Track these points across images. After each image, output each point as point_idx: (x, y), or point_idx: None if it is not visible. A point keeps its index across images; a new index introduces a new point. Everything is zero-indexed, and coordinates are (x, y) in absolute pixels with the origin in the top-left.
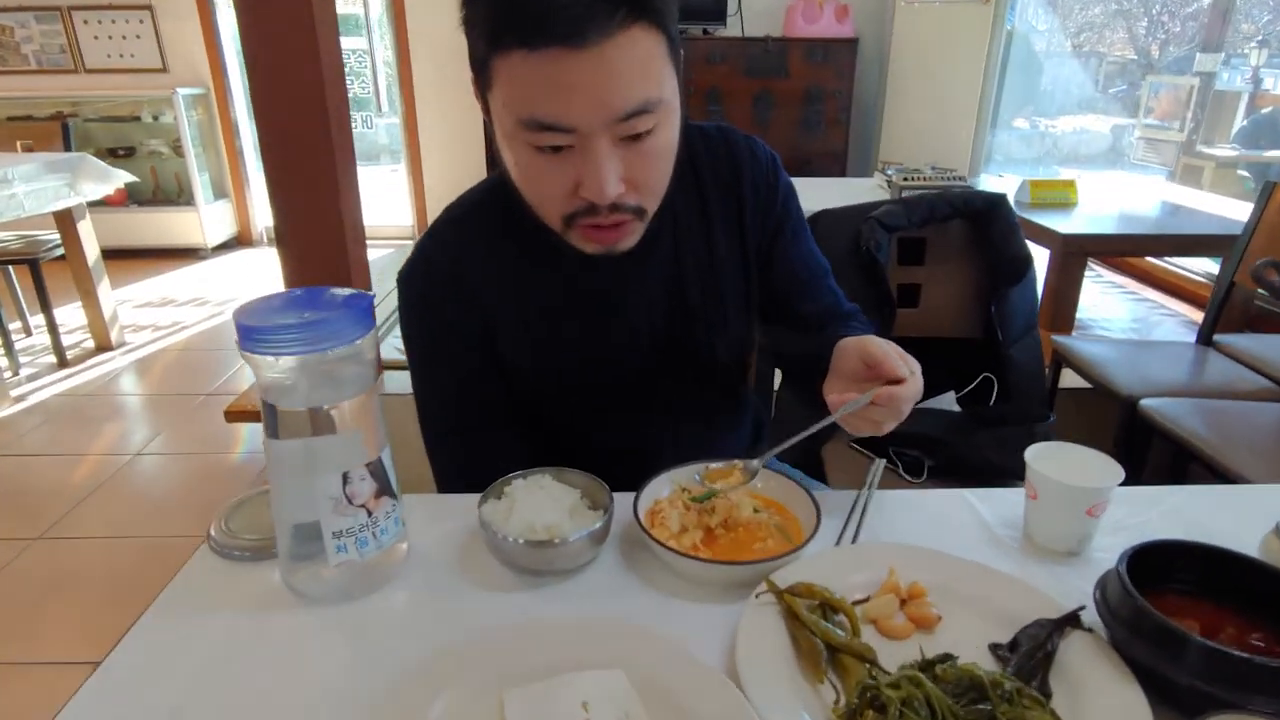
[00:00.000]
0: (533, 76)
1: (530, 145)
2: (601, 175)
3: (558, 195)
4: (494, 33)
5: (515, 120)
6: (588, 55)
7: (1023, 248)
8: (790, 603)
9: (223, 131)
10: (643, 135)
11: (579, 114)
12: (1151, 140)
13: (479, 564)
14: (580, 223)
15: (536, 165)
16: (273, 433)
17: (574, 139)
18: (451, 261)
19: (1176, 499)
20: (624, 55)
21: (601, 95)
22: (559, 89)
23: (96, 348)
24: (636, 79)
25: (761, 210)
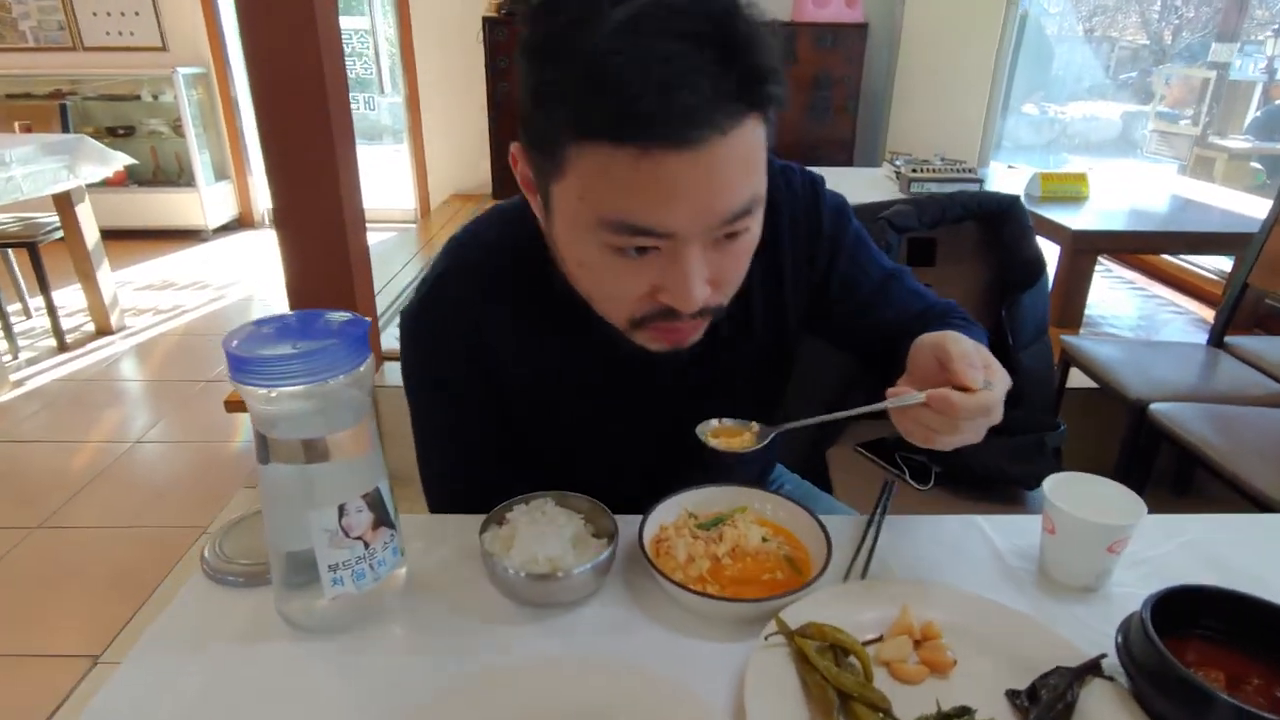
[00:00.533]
0: (629, 176)
1: (608, 245)
2: (692, 283)
3: (631, 298)
4: (583, 120)
5: (596, 219)
6: (698, 156)
7: (1036, 251)
8: (801, 645)
9: (224, 111)
10: (737, 234)
11: (680, 220)
12: (1165, 133)
13: (479, 592)
14: (651, 325)
15: (611, 266)
16: (265, 460)
17: (665, 242)
18: (459, 315)
19: (1198, 529)
20: (734, 153)
21: (709, 200)
22: (661, 192)
23: (97, 331)
24: (744, 177)
25: (807, 257)
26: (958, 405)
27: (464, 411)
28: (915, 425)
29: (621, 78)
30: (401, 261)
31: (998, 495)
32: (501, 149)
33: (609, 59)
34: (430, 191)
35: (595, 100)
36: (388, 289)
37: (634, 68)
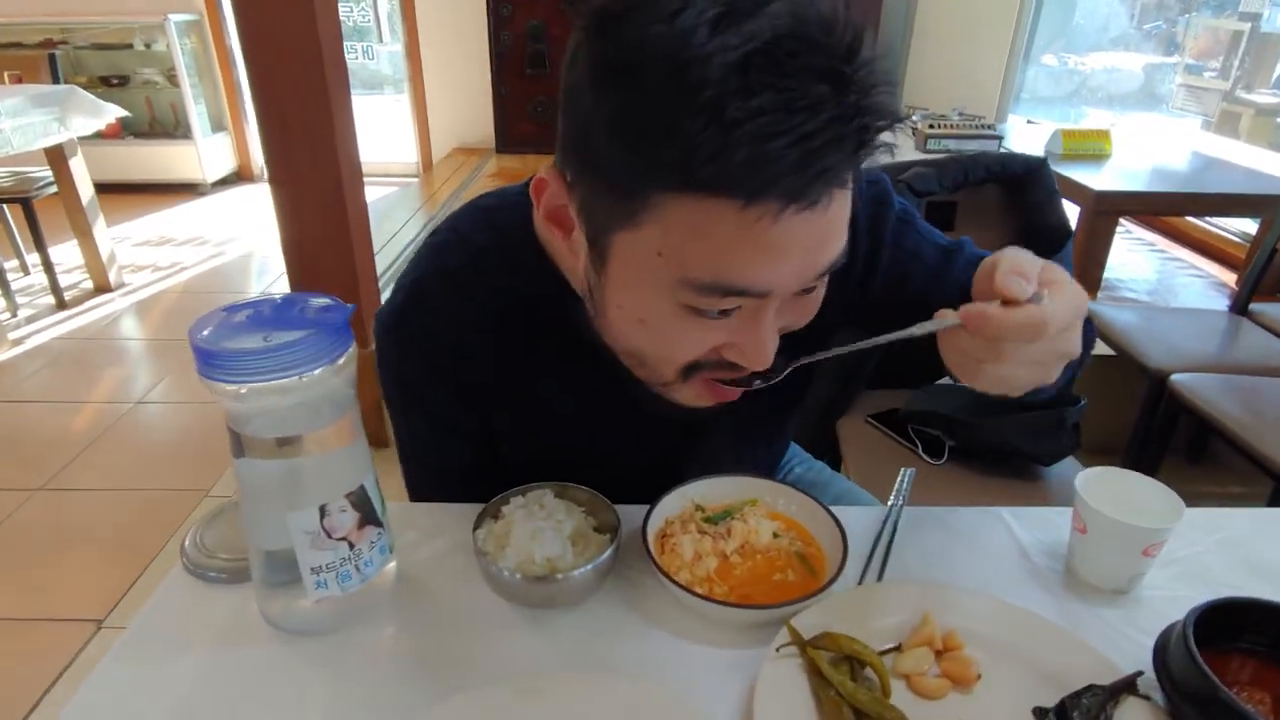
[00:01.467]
0: (738, 236)
1: (685, 305)
2: (767, 341)
3: (690, 355)
4: (692, 170)
5: (678, 278)
6: (816, 215)
7: (1062, 217)
8: (814, 658)
9: (219, 60)
10: (815, 286)
11: (784, 280)
12: (1192, 88)
13: (472, 590)
14: (704, 374)
15: (681, 327)
16: (238, 454)
17: (751, 302)
18: (436, 332)
19: (1237, 525)
20: (841, 211)
21: (815, 257)
22: (774, 254)
23: (95, 288)
24: (843, 234)
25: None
26: (992, 320)
27: (437, 425)
28: (960, 355)
29: (757, 127)
30: (403, 218)
31: (1014, 471)
32: (504, 101)
33: (737, 99)
34: (433, 145)
35: (715, 149)
36: (388, 248)
37: (774, 114)
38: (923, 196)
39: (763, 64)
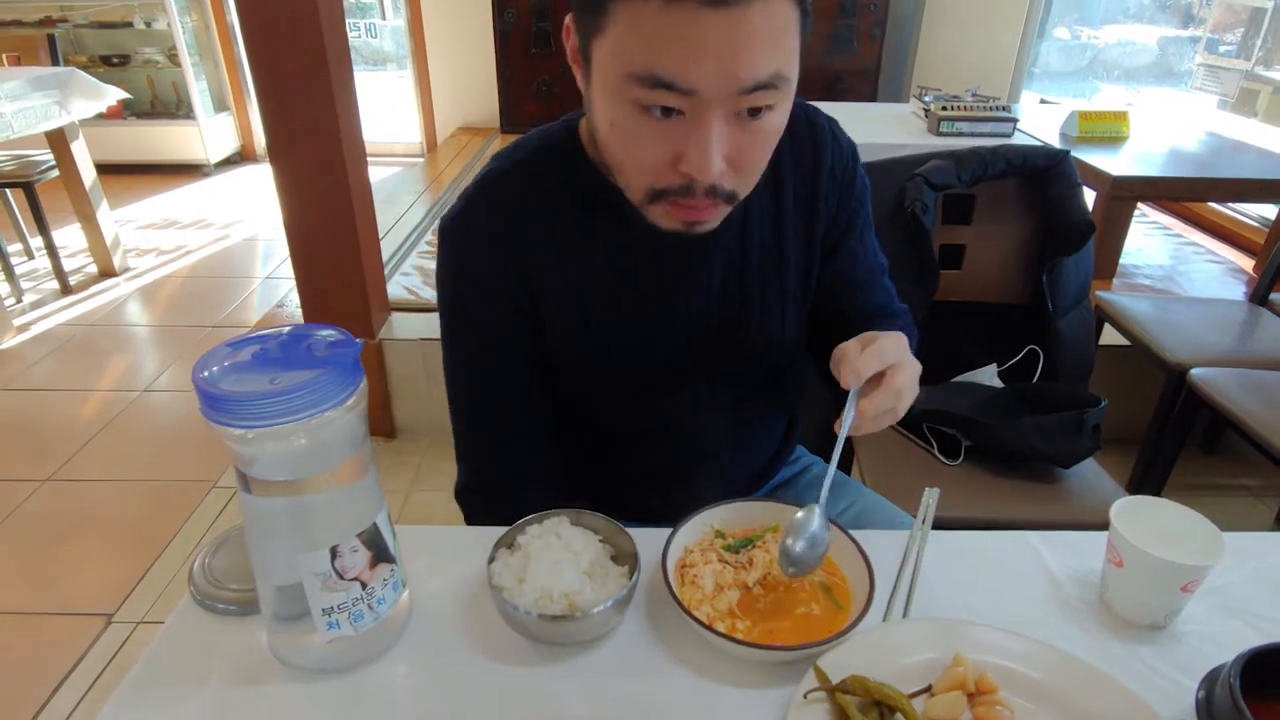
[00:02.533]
0: (661, 29)
1: (636, 104)
2: (708, 151)
3: (652, 165)
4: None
5: (627, 73)
6: (729, 15)
7: (1084, 212)
8: (843, 704)
9: (220, 39)
10: (760, 112)
11: (704, 77)
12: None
13: (489, 624)
14: (669, 200)
15: (638, 127)
16: (246, 489)
17: (688, 104)
18: (498, 220)
19: (1267, 553)
20: (764, 22)
21: (733, 61)
22: (689, 46)
23: (100, 273)
24: (771, 49)
25: (836, 202)
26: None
27: (492, 334)
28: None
29: None
30: (408, 201)
31: (1031, 473)
32: (509, 80)
33: None
34: (437, 124)
35: None
36: (394, 232)
37: None
38: (939, 190)
39: None
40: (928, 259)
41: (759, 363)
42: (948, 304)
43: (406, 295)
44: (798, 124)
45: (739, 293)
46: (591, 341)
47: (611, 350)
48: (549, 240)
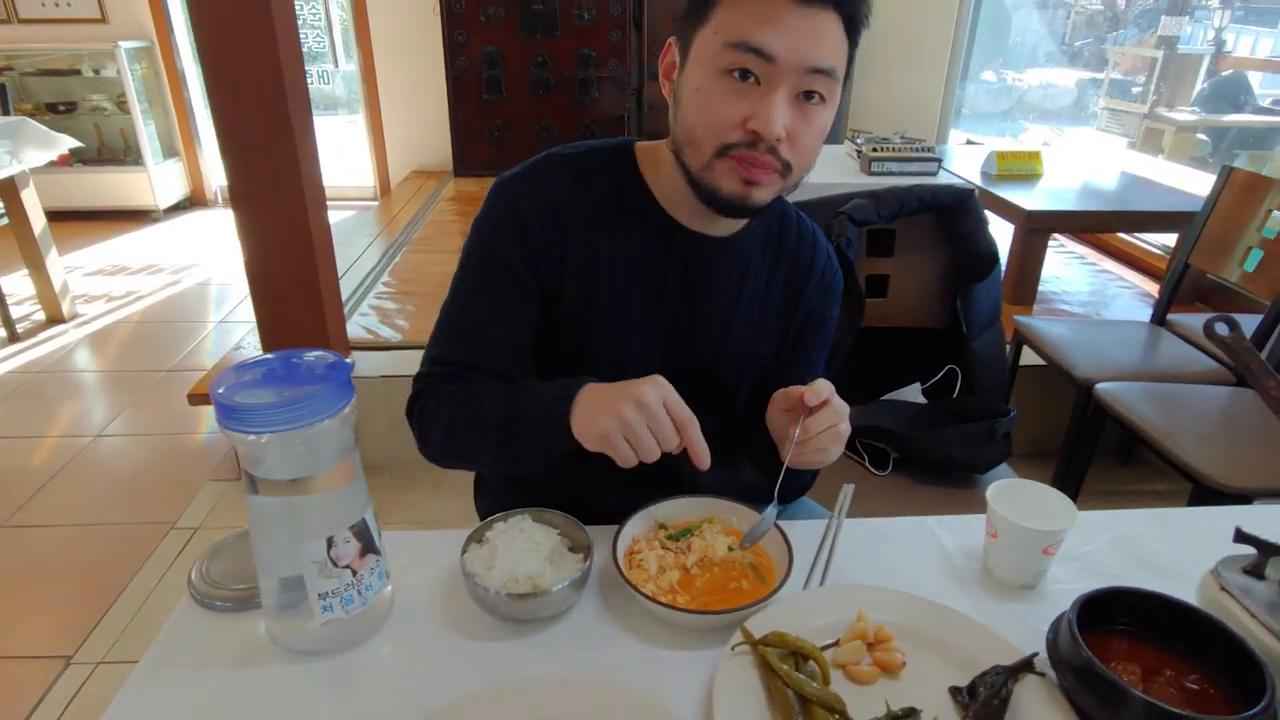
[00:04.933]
0: (759, 9)
1: (723, 70)
2: (774, 112)
3: (727, 122)
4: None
5: (725, 42)
6: (809, 10)
7: (990, 244)
8: (764, 654)
9: (170, 86)
10: (814, 98)
11: (784, 50)
12: (1114, 110)
13: (462, 609)
14: (734, 154)
15: (721, 89)
16: (253, 491)
17: (766, 71)
18: (552, 189)
19: (1125, 525)
20: (831, 27)
21: (806, 43)
22: (776, 26)
23: (48, 320)
24: (833, 47)
25: (814, 305)
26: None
27: (505, 280)
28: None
29: None
30: (363, 244)
31: (950, 479)
32: (461, 124)
33: None
34: (390, 168)
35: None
36: (351, 273)
37: None
38: (862, 225)
39: None
40: (854, 288)
41: (728, 379)
42: (875, 329)
43: (365, 335)
44: (805, 229)
45: (730, 325)
46: (594, 321)
47: (605, 339)
48: (590, 222)
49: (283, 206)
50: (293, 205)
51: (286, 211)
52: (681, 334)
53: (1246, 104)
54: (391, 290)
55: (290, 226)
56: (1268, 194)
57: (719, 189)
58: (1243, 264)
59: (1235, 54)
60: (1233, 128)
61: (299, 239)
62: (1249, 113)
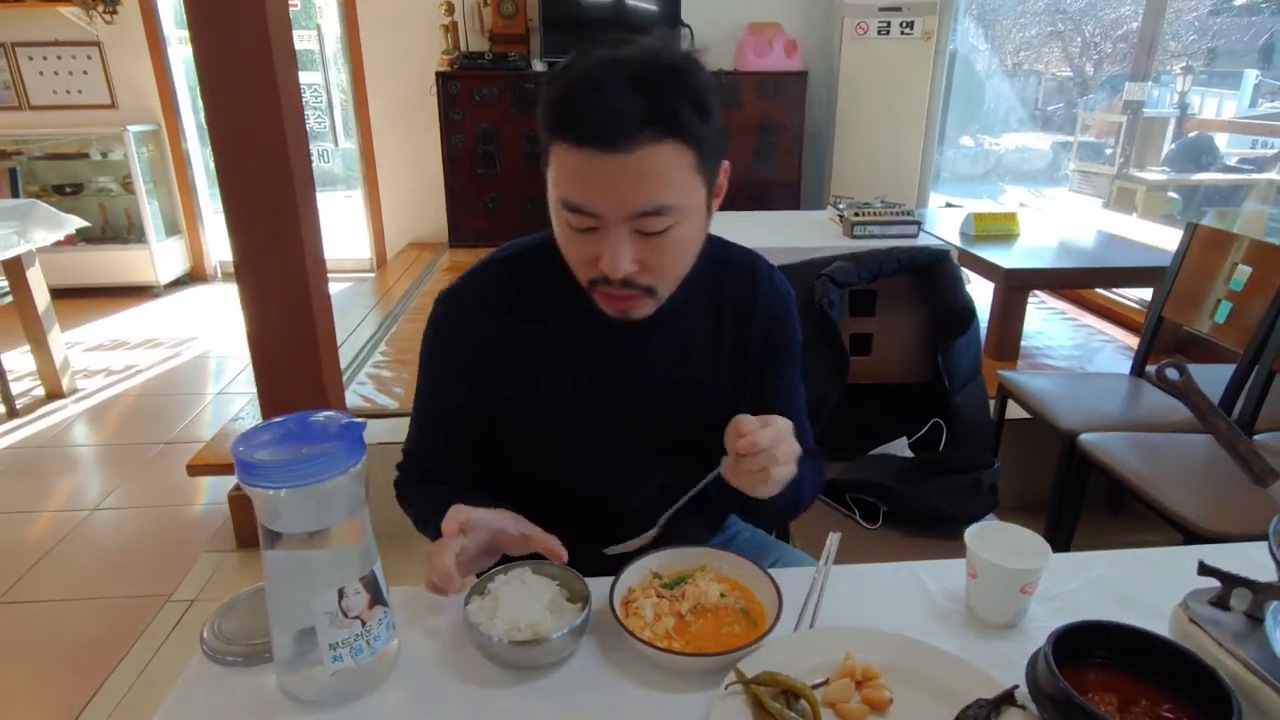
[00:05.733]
0: (572, 167)
1: (567, 222)
2: (614, 256)
3: (583, 263)
4: (550, 125)
5: (559, 198)
6: (615, 160)
7: (966, 301)
8: (756, 693)
9: (174, 167)
10: (659, 231)
11: (601, 206)
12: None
13: (465, 659)
14: (598, 289)
15: (570, 236)
16: (269, 546)
17: (598, 222)
18: (478, 301)
19: (1102, 566)
20: (645, 165)
21: (621, 194)
22: (589, 182)
23: (47, 395)
24: (656, 185)
25: (766, 329)
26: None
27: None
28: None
29: (575, 102)
30: (361, 314)
31: (938, 531)
32: (457, 199)
33: (573, 90)
34: (387, 240)
35: (558, 112)
36: (348, 343)
37: (583, 96)
38: (843, 287)
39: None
40: (838, 347)
41: (691, 438)
42: (861, 386)
43: (363, 403)
44: (740, 265)
45: (679, 385)
46: (540, 411)
47: (559, 427)
48: (526, 321)
49: (286, 279)
50: (295, 278)
51: (289, 284)
52: (634, 419)
53: (1213, 163)
54: (388, 359)
55: (292, 298)
56: (1231, 248)
57: (603, 310)
58: (1213, 316)
59: (1200, 116)
60: (1201, 186)
61: (301, 310)
62: (1216, 171)
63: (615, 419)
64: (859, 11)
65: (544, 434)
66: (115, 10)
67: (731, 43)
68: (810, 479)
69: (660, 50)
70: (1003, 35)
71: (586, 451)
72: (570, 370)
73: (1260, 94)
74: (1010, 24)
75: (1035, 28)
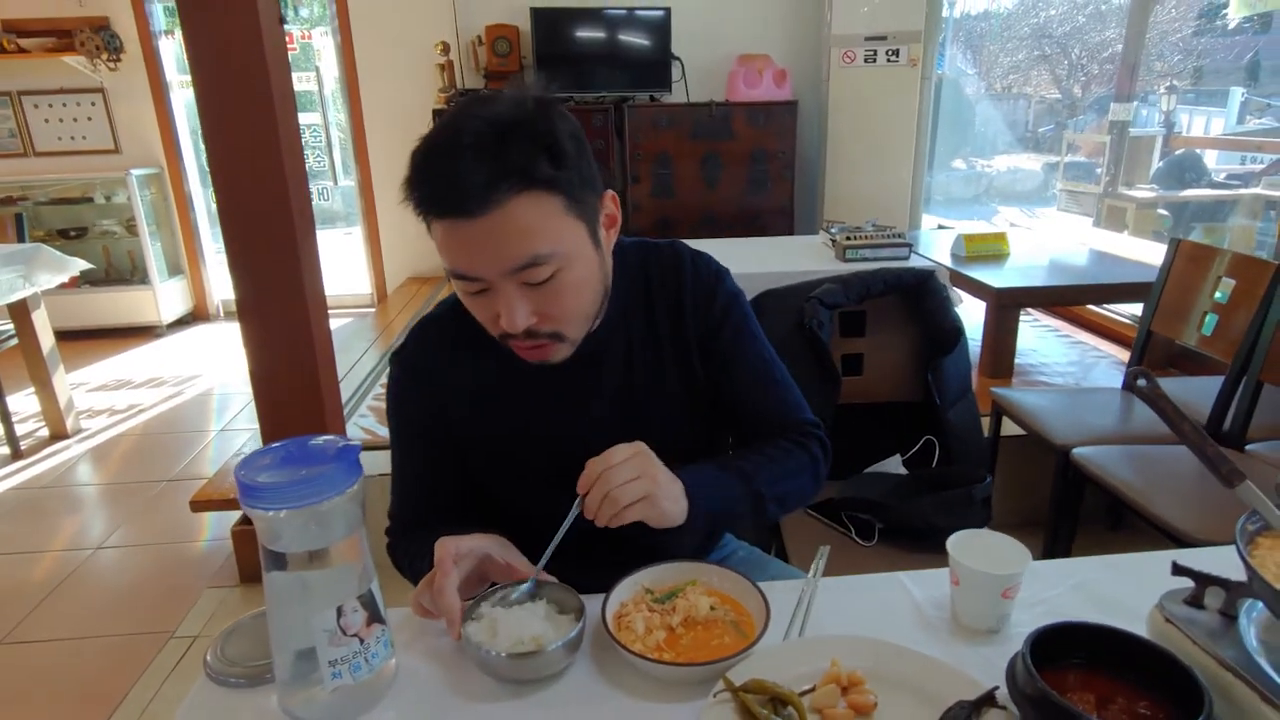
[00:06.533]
0: (445, 238)
1: (459, 285)
2: (509, 313)
3: (488, 321)
4: (416, 205)
5: (447, 268)
6: (478, 224)
7: (954, 320)
8: (744, 700)
9: (177, 208)
10: (547, 280)
11: (479, 268)
12: (1072, 192)
13: (462, 676)
14: (509, 341)
15: (469, 300)
16: (270, 568)
17: (486, 283)
18: (428, 353)
19: (1086, 571)
20: (510, 222)
21: (493, 255)
22: (462, 249)
23: (51, 436)
24: (525, 239)
25: (699, 312)
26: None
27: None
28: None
29: (427, 175)
30: (361, 348)
31: (933, 546)
32: None
33: (424, 163)
34: (386, 275)
35: (416, 192)
36: (349, 377)
37: (433, 167)
38: (833, 309)
39: (440, 143)
40: (829, 367)
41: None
42: (854, 405)
43: (364, 435)
44: (664, 261)
45: (631, 406)
46: (503, 456)
47: (523, 462)
48: (465, 373)
49: (287, 317)
50: (296, 315)
51: (290, 322)
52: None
53: (1200, 179)
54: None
55: (294, 335)
56: (1214, 262)
57: (524, 359)
58: (1200, 328)
59: (1187, 134)
60: (1190, 202)
61: (302, 347)
62: (1204, 187)
63: (568, 451)
64: (845, 41)
65: (505, 470)
66: (119, 59)
67: (722, 74)
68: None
69: (508, 103)
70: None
71: (546, 485)
72: (521, 407)
73: (1248, 110)
74: (997, 49)
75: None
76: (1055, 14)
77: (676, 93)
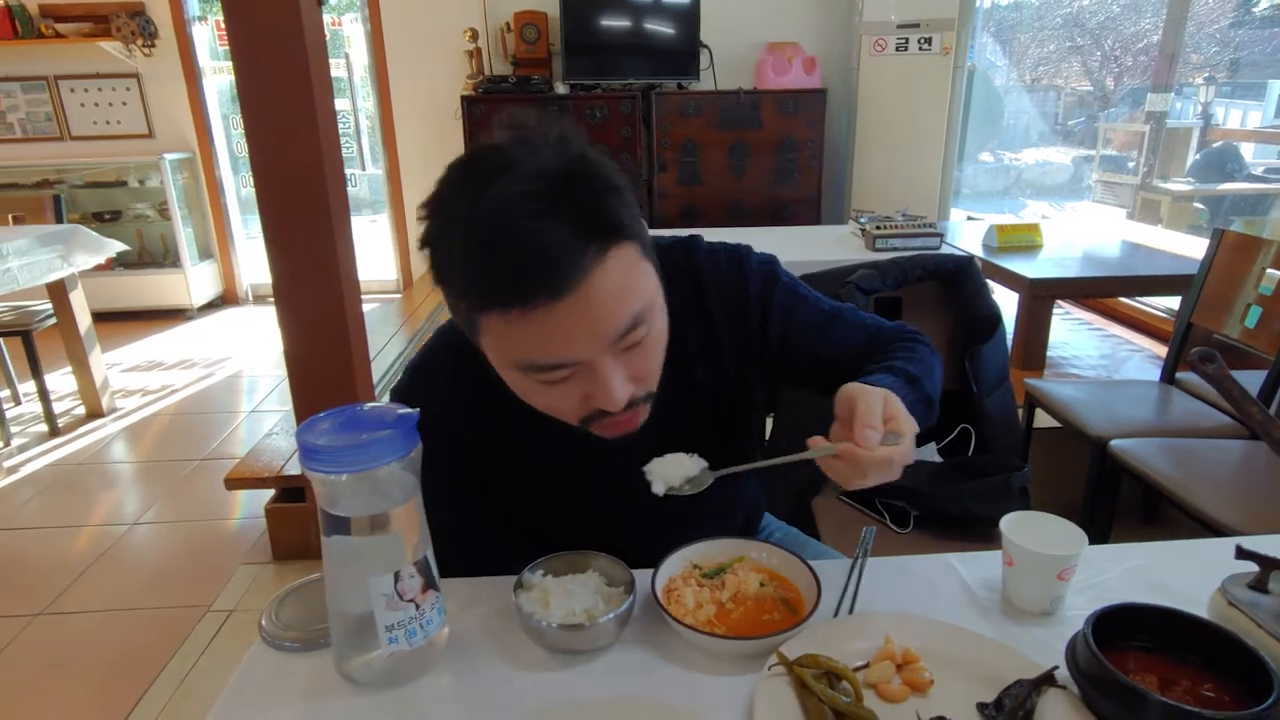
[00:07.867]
0: (525, 333)
1: (532, 379)
2: (612, 389)
3: (569, 409)
4: (479, 300)
5: (513, 363)
6: (570, 301)
7: (992, 307)
8: (799, 673)
9: (208, 193)
10: (640, 340)
11: (576, 350)
12: (1108, 183)
13: (513, 644)
14: (594, 424)
15: (541, 391)
16: (329, 533)
17: (577, 368)
18: (448, 374)
19: (1138, 556)
20: (606, 284)
21: (594, 329)
22: (554, 336)
23: (88, 415)
24: (623, 299)
25: (736, 325)
26: (860, 460)
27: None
28: (835, 471)
29: (502, 266)
30: (387, 334)
31: (970, 534)
32: None
33: (489, 253)
34: (413, 262)
35: (479, 288)
36: (377, 361)
37: (506, 256)
38: (869, 294)
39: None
40: None
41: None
42: None
43: None
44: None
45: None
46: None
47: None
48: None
49: (322, 298)
50: (331, 297)
51: (326, 305)
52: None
53: (1239, 172)
54: None
55: (328, 316)
56: (1259, 254)
57: (604, 438)
58: (1243, 321)
59: (1224, 126)
60: (1228, 195)
61: (336, 328)
62: (1242, 181)
63: (599, 481)
64: (877, 29)
65: (531, 507)
66: (154, 44)
67: (751, 62)
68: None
69: (547, 156)
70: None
71: (574, 515)
72: (552, 454)
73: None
74: (1028, 40)
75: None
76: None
77: (704, 80)
